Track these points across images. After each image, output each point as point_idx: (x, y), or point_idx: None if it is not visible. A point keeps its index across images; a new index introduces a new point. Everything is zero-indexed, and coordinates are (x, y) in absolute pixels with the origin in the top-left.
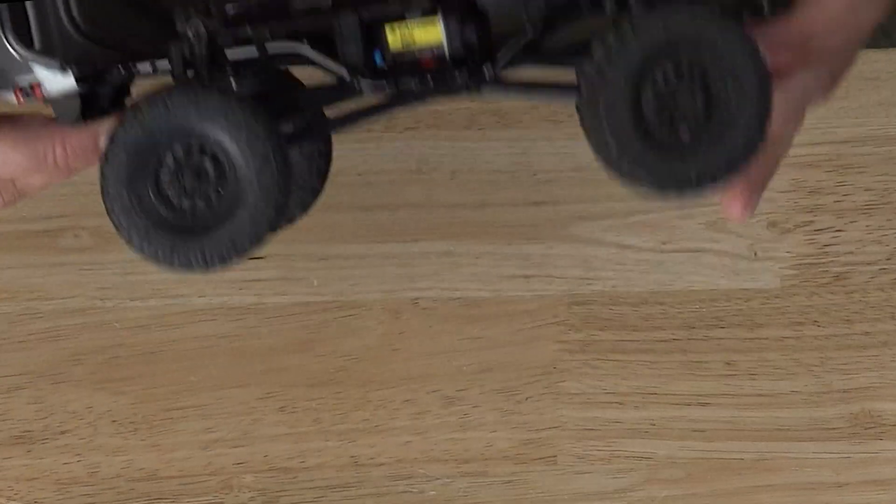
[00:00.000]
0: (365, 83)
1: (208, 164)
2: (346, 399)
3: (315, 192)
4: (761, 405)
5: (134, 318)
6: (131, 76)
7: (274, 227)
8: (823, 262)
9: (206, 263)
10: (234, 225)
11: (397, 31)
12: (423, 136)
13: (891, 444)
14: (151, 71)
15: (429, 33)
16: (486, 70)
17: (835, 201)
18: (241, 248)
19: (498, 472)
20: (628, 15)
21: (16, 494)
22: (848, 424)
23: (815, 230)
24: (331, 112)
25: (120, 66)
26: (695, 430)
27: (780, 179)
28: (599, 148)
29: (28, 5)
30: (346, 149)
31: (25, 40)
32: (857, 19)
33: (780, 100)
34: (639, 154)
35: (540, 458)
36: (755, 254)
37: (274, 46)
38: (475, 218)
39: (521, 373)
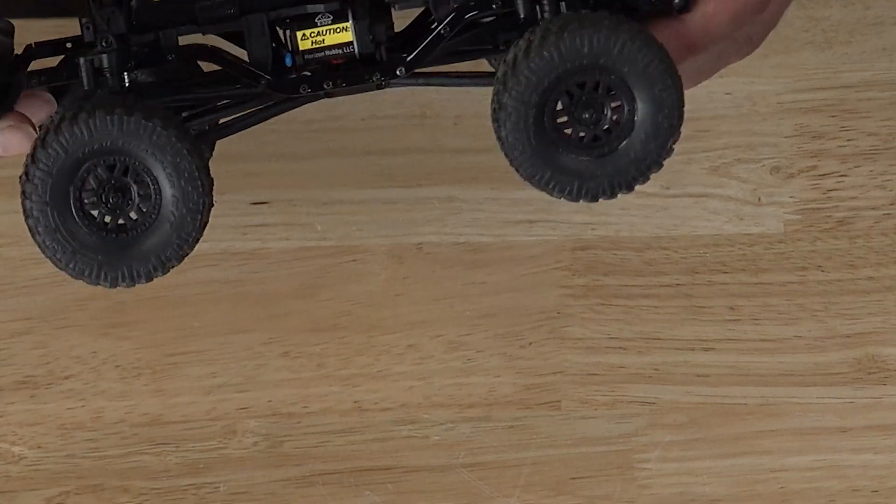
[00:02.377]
0: (276, 84)
1: (131, 182)
2: (350, 344)
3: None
4: (765, 350)
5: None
6: (40, 83)
7: (198, 239)
8: (827, 208)
9: (133, 280)
10: (159, 241)
11: (308, 37)
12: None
13: (895, 389)
14: (62, 78)
15: (339, 35)
16: (399, 71)
17: (838, 146)
18: (166, 263)
19: (501, 416)
20: (540, 20)
21: (19, 440)
22: (852, 369)
23: (819, 175)
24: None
25: (24, 74)
26: (698, 376)
27: (784, 125)
28: (506, 151)
29: None
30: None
31: None
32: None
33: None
34: (547, 170)
35: (543, 403)
36: (759, 199)
37: (184, 41)
38: (479, 163)
39: (525, 318)
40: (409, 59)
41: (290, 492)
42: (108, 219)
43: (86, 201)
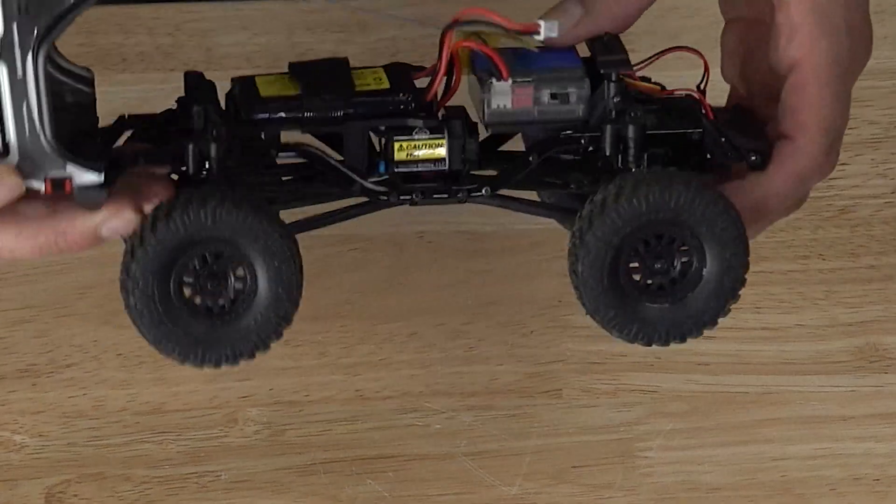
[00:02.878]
0: (367, 189)
1: (231, 271)
2: (352, 332)
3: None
4: (766, 339)
5: None
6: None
7: (293, 315)
8: (828, 196)
9: (236, 360)
10: (237, 334)
11: (405, 148)
12: None
13: None
14: (169, 166)
15: (433, 151)
16: (484, 191)
17: None
18: (267, 340)
19: (503, 405)
20: (636, 173)
21: (21, 428)
22: (853, 358)
23: None
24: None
25: (143, 158)
26: (700, 364)
27: None
28: (578, 285)
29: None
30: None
31: (63, 140)
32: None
33: None
34: (611, 309)
35: (545, 392)
36: None
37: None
38: None
39: (527, 306)
40: (495, 181)
41: (291, 480)
42: (205, 301)
43: (185, 282)
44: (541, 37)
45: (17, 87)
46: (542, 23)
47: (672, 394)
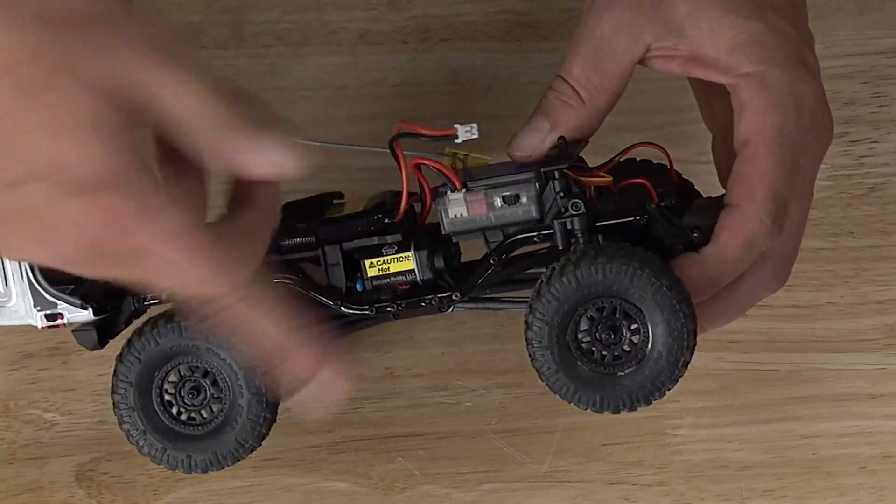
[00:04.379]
0: (347, 307)
1: (207, 384)
2: None
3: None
4: (797, 316)
5: None
6: (143, 306)
7: (254, 448)
8: (859, 174)
9: (190, 470)
10: (220, 441)
11: (375, 265)
12: (458, 48)
13: None
14: (160, 302)
15: (402, 264)
16: (455, 296)
17: (870, 112)
18: (222, 462)
19: (533, 383)
20: (568, 254)
21: (51, 406)
22: (883, 335)
23: (851, 141)
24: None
25: (132, 298)
26: (730, 342)
27: None
28: (536, 367)
29: None
30: (382, 60)
31: (53, 280)
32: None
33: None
34: (569, 378)
35: None
36: None
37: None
38: (510, 130)
39: None
40: (463, 286)
41: (321, 458)
42: (181, 410)
43: (165, 391)
44: (459, 139)
45: None
46: (458, 126)
47: (702, 372)
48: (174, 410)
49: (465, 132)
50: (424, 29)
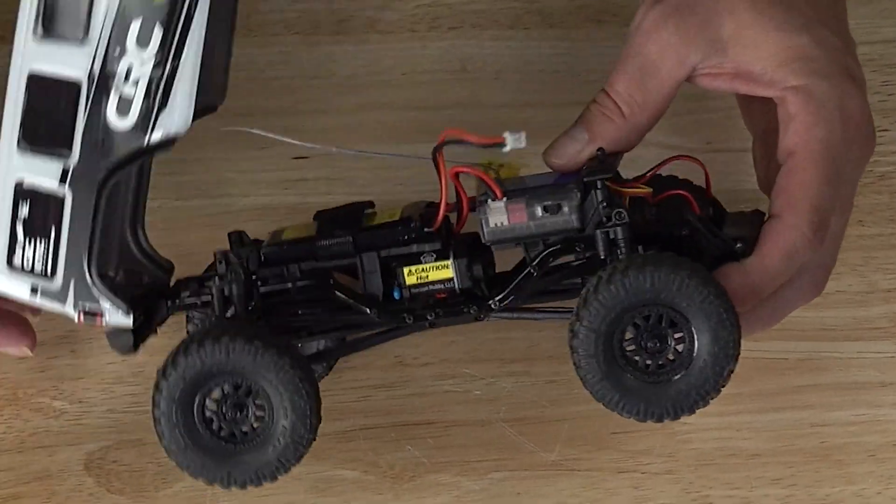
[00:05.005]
0: (385, 316)
1: (250, 403)
2: None
3: (320, 377)
4: (806, 305)
5: (178, 218)
6: (176, 311)
7: (292, 467)
8: (868, 163)
9: (229, 485)
10: (263, 459)
11: (414, 273)
12: (467, 36)
13: None
14: (196, 307)
15: (441, 272)
16: (493, 304)
17: (879, 101)
18: (262, 479)
19: (542, 371)
20: (614, 262)
21: (61, 394)
22: (892, 324)
23: None
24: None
25: (166, 302)
26: None
27: None
28: (580, 375)
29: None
30: (391, 48)
31: (104, 277)
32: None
33: None
34: (613, 387)
35: None
36: None
37: (303, 283)
38: (518, 118)
39: None
40: (502, 295)
41: (331, 446)
42: (223, 427)
43: (207, 407)
44: (507, 148)
45: (79, 216)
46: (507, 135)
47: None
48: (215, 427)
49: (513, 140)
50: (433, 17)
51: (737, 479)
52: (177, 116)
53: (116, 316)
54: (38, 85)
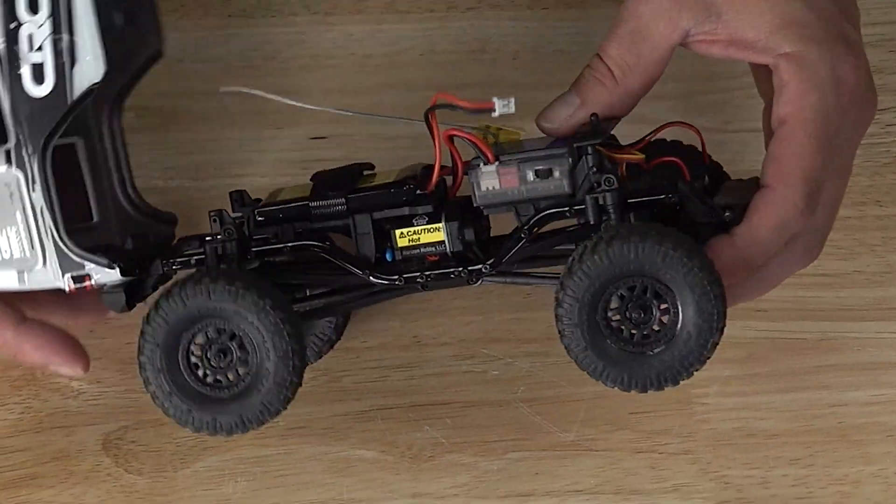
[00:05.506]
0: (377, 277)
1: (234, 347)
2: None
3: (332, 343)
4: (824, 285)
5: (197, 198)
6: (171, 270)
7: (279, 412)
8: (886, 143)
9: (215, 432)
10: (246, 404)
11: (406, 235)
12: (485, 17)
13: None
14: (190, 265)
15: (433, 235)
16: (484, 268)
17: None
18: (247, 424)
19: (560, 351)
20: (601, 231)
21: None
22: None
23: (878, 110)
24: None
25: (161, 261)
26: (758, 311)
27: None
28: (565, 344)
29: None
30: (409, 28)
31: (80, 241)
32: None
33: None
34: (598, 356)
35: None
36: None
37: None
38: (537, 98)
39: None
40: (494, 259)
41: (348, 426)
42: (208, 372)
43: (191, 353)
44: (496, 113)
45: (34, 190)
46: (496, 100)
47: (729, 340)
48: (200, 373)
49: (502, 106)
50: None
51: (755, 459)
52: (89, 66)
53: (104, 274)
54: None
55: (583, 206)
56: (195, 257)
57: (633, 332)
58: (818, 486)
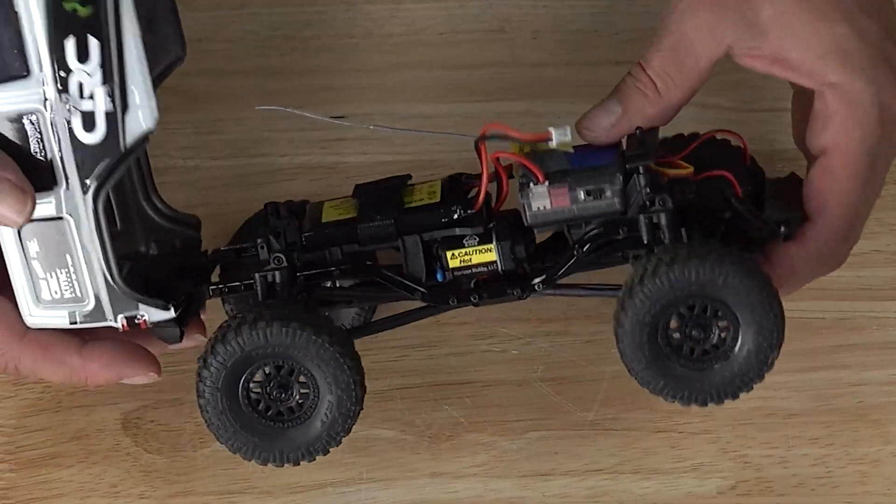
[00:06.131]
0: (429, 297)
1: (294, 382)
2: None
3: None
4: (844, 264)
5: (216, 178)
6: (219, 295)
7: (342, 439)
8: None
9: (282, 462)
10: (311, 434)
11: (457, 256)
12: None
13: None
14: (239, 290)
15: (484, 256)
16: (538, 286)
17: None
18: (313, 454)
19: (579, 331)
20: (659, 251)
21: None
22: None
23: None
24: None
25: (209, 290)
26: None
27: None
28: (626, 363)
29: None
30: (428, 8)
31: (135, 286)
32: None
33: None
34: (658, 374)
35: None
36: None
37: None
38: (557, 77)
39: None
40: (546, 276)
41: (369, 405)
42: (269, 408)
43: (252, 391)
44: (553, 143)
45: (85, 235)
46: (552, 130)
47: None
48: (262, 407)
49: (559, 135)
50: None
51: (774, 439)
52: (142, 113)
53: (157, 314)
54: (7, 129)
55: (635, 224)
56: (244, 283)
57: (693, 349)
58: (837, 466)
